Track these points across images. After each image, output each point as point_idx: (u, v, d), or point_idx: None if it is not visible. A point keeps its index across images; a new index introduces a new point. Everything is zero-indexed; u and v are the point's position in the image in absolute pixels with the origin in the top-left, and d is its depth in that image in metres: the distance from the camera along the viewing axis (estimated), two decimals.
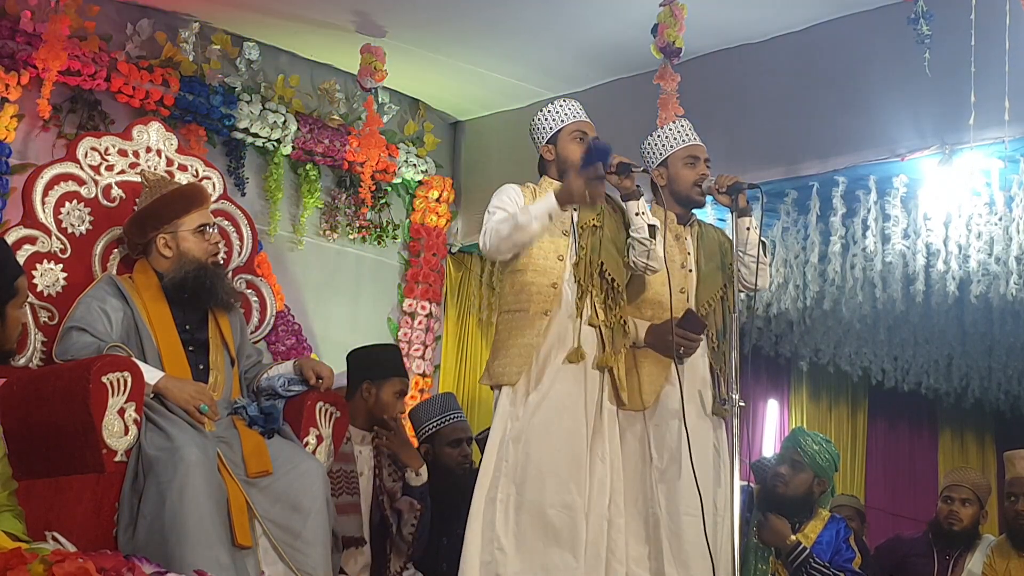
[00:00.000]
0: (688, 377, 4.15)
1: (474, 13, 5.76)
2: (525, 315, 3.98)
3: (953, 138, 5.08)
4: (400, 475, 4.61)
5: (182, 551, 3.34)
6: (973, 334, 8.15)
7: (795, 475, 4.76)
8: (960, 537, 4.93)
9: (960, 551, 4.93)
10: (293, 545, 3.61)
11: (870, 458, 9.66)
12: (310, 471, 3.74)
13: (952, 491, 4.98)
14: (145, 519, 3.43)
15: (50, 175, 4.18)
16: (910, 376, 8.99)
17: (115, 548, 3.37)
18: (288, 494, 3.67)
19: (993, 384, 9.20)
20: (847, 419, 9.62)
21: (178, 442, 3.51)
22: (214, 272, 4.02)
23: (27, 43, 5.22)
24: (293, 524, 3.63)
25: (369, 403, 4.59)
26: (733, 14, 5.59)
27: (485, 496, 3.90)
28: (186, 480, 3.42)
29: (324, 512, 3.69)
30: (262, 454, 3.71)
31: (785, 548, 4.57)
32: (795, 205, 5.92)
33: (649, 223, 4.06)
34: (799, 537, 4.64)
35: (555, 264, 4.03)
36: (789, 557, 4.54)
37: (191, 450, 3.48)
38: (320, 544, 3.65)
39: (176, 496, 3.40)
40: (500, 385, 3.99)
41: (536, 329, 3.95)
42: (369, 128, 6.25)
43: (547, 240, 4.03)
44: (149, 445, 3.54)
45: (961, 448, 10.33)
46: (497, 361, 4.02)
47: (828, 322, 7.92)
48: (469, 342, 7.03)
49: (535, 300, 3.98)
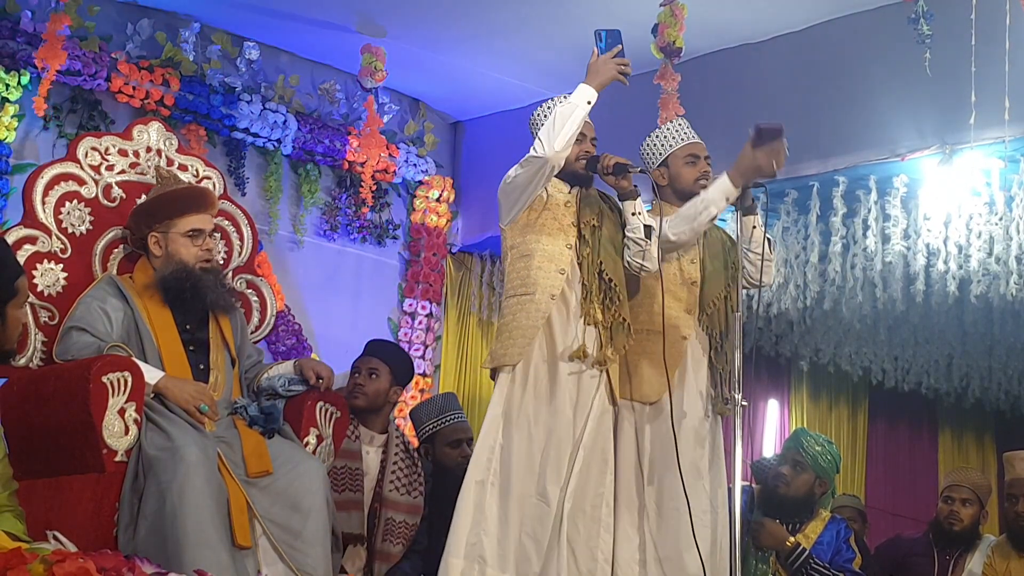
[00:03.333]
0: (690, 376, 4.15)
1: (474, 13, 5.76)
2: (531, 299, 3.97)
3: (953, 138, 5.08)
4: (406, 490, 4.60)
5: (182, 551, 3.34)
6: (973, 334, 8.14)
7: (797, 476, 4.76)
8: (961, 537, 4.92)
9: (960, 551, 4.92)
10: (293, 545, 3.61)
11: (870, 458, 9.65)
12: (310, 471, 3.74)
13: (952, 491, 4.97)
14: (146, 519, 3.43)
15: (50, 175, 4.17)
16: (910, 376, 8.99)
17: (116, 548, 3.37)
18: (288, 493, 3.67)
19: (993, 384, 9.19)
20: (847, 419, 9.62)
21: (178, 442, 3.50)
22: (199, 277, 3.96)
23: (27, 43, 5.23)
24: (293, 524, 3.63)
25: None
26: (733, 14, 5.59)
27: (476, 478, 3.90)
28: (186, 480, 3.42)
29: (324, 512, 3.69)
30: (262, 454, 3.71)
31: (784, 550, 4.56)
32: (795, 205, 5.93)
33: (645, 223, 4.06)
34: (799, 538, 4.64)
35: (564, 251, 4.02)
36: (789, 559, 4.54)
37: (191, 450, 3.48)
38: (320, 544, 3.65)
39: (176, 496, 3.40)
40: (501, 367, 3.98)
41: (542, 311, 3.95)
42: (369, 128, 6.26)
43: (556, 228, 4.03)
44: (149, 445, 3.53)
45: (961, 448, 10.32)
46: (500, 343, 4.01)
47: (828, 322, 7.92)
48: (469, 342, 7.03)
49: (541, 284, 3.98)
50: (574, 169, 4.11)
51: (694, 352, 4.19)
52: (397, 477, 4.61)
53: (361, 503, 4.51)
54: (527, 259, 4.01)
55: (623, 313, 4.05)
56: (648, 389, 4.10)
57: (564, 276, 3.99)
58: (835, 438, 9.04)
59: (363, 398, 4.66)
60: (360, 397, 4.65)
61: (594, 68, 3.94)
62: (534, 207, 4.02)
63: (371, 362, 4.74)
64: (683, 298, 4.21)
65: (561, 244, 4.02)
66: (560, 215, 4.05)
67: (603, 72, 3.91)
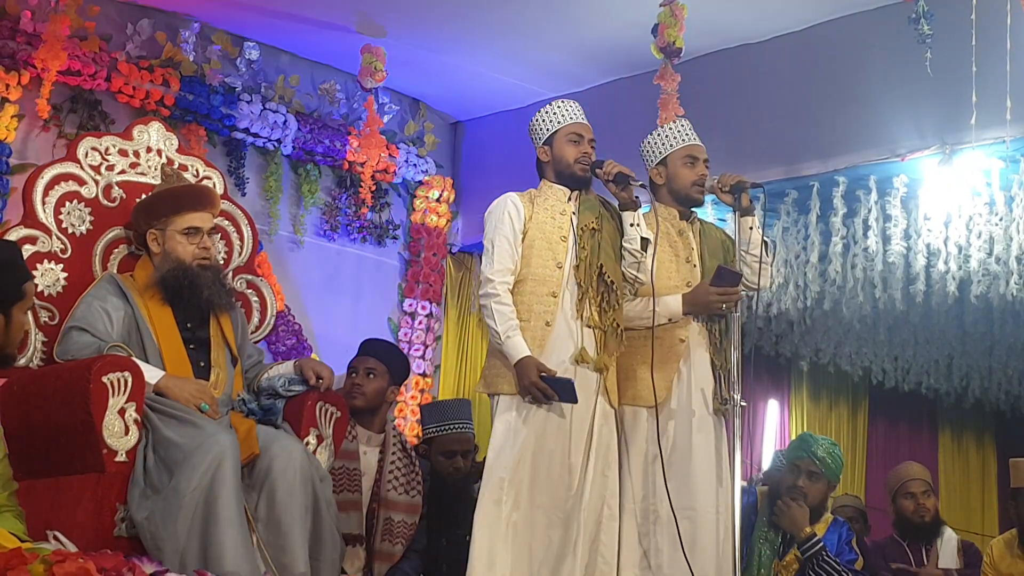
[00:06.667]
0: (691, 376, 4.15)
1: (474, 13, 5.76)
2: (526, 325, 3.97)
3: (954, 138, 5.08)
4: (404, 489, 4.60)
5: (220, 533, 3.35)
6: (973, 334, 8.15)
7: (813, 486, 4.77)
8: (930, 528, 5.12)
9: (929, 540, 5.12)
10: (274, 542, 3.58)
11: (870, 458, 9.66)
12: (287, 448, 3.70)
13: (910, 487, 5.16)
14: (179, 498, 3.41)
15: (50, 175, 4.17)
16: (910, 376, 8.99)
17: (115, 548, 3.37)
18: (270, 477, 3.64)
19: (993, 384, 9.20)
20: (847, 419, 9.63)
21: (209, 429, 3.53)
22: (196, 274, 3.96)
23: (27, 43, 5.22)
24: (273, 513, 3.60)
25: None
26: (733, 14, 5.59)
27: (491, 498, 3.89)
28: (221, 466, 3.44)
29: (300, 493, 3.65)
30: (251, 439, 3.70)
31: (800, 537, 4.59)
32: (795, 205, 5.92)
33: (643, 235, 4.07)
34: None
35: (553, 272, 4.02)
36: (803, 547, 4.56)
37: (224, 437, 3.50)
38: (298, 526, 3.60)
39: (208, 482, 3.42)
40: (499, 394, 3.99)
41: (537, 340, 3.95)
42: (369, 128, 6.25)
43: (545, 248, 4.02)
44: (176, 434, 3.54)
45: (961, 448, 10.33)
46: (493, 370, 4.01)
47: (828, 322, 7.92)
48: (469, 342, 7.03)
49: (535, 311, 3.98)
50: (572, 172, 4.10)
51: (694, 353, 4.19)
52: (395, 477, 4.60)
53: (359, 504, 4.51)
54: (519, 285, 4.02)
55: (617, 318, 4.04)
56: (647, 392, 4.09)
57: (556, 299, 3.98)
58: (835, 438, 9.02)
59: (362, 398, 4.65)
60: (359, 397, 4.64)
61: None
62: (524, 239, 4.03)
63: (368, 362, 4.73)
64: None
65: (551, 265, 4.01)
66: (550, 232, 4.04)
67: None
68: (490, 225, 4.08)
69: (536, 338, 3.95)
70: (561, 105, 4.20)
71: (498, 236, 4.03)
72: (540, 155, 4.19)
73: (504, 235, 4.02)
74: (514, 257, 4.01)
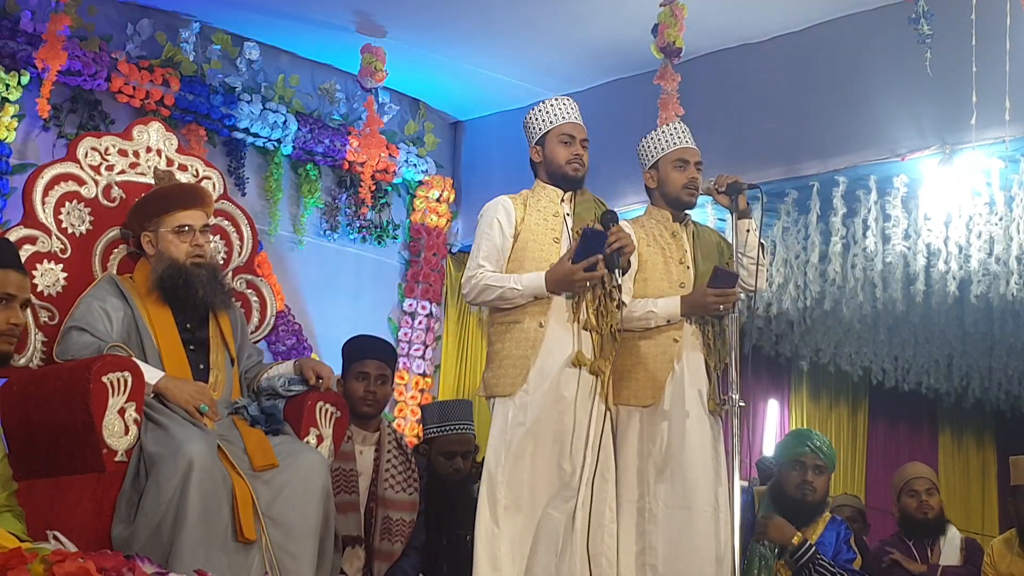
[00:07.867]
0: (685, 376, 4.14)
1: (474, 13, 5.77)
2: (520, 326, 3.97)
3: (954, 138, 5.09)
4: (401, 487, 4.59)
5: (182, 549, 3.34)
6: (973, 334, 8.15)
7: (819, 479, 4.75)
8: (934, 525, 5.15)
9: (933, 538, 5.14)
10: (284, 547, 3.57)
11: (870, 458, 9.67)
12: (311, 462, 3.70)
13: (914, 484, 5.19)
14: (146, 516, 3.42)
15: (50, 175, 4.16)
16: (910, 376, 9.00)
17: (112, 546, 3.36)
18: (292, 485, 3.63)
19: (993, 384, 9.21)
20: (847, 419, 9.63)
21: (180, 438, 3.50)
22: (190, 272, 3.93)
23: (27, 43, 5.23)
24: (290, 519, 3.60)
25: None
26: (733, 14, 5.59)
27: (489, 501, 3.89)
28: (188, 477, 3.41)
29: (319, 507, 3.64)
30: (266, 449, 3.69)
31: (791, 546, 4.56)
32: (795, 205, 5.93)
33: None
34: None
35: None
36: (795, 555, 4.54)
37: (193, 446, 3.46)
38: (311, 540, 3.60)
39: (178, 493, 3.39)
40: (496, 396, 3.99)
41: (531, 340, 3.95)
42: (369, 128, 6.25)
43: (538, 250, 4.02)
44: (150, 442, 3.53)
45: (961, 448, 10.34)
46: (492, 372, 4.01)
47: (828, 322, 7.92)
48: (469, 342, 7.03)
49: (529, 312, 3.97)
50: (564, 172, 4.09)
51: (688, 353, 4.18)
52: (392, 475, 4.60)
53: (357, 504, 4.50)
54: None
55: (614, 322, 4.03)
56: (643, 392, 4.10)
57: (549, 299, 3.97)
58: (835, 438, 9.09)
59: (376, 406, 4.64)
60: (373, 405, 4.62)
61: (561, 275, 3.91)
62: (515, 243, 4.03)
63: (381, 367, 4.69)
64: None
65: (545, 266, 3.99)
66: (542, 234, 4.03)
67: (571, 282, 3.91)
68: (479, 229, 4.09)
69: (530, 339, 3.94)
70: (554, 104, 4.16)
71: (484, 240, 4.04)
72: (532, 155, 4.18)
73: (491, 240, 4.03)
74: (500, 260, 4.01)
